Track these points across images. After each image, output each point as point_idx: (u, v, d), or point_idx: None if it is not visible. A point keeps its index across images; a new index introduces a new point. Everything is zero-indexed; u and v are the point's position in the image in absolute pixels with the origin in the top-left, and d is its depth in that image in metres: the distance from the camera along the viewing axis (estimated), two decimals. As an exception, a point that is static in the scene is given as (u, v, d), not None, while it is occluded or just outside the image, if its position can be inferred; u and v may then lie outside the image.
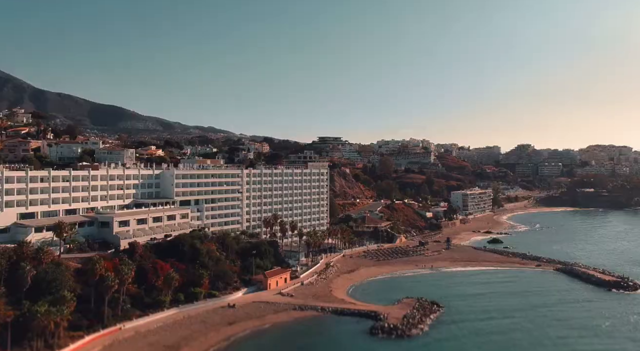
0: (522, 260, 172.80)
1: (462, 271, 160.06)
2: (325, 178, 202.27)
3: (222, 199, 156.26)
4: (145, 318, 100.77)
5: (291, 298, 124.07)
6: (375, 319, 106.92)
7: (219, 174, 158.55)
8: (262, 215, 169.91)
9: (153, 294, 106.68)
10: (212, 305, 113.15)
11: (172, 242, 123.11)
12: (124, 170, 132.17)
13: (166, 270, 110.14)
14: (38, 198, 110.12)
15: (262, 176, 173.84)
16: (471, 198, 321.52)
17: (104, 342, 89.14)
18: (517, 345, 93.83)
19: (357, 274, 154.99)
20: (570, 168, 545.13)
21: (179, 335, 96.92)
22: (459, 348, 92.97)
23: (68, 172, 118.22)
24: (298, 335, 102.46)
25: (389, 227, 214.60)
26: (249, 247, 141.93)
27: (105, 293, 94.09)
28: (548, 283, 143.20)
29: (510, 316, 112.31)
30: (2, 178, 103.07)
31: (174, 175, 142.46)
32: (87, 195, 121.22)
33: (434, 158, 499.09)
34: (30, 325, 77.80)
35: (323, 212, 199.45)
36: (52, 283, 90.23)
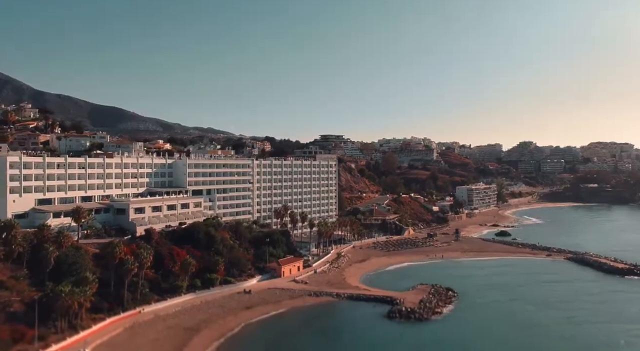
0: (532, 250, 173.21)
1: (473, 260, 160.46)
2: (334, 170, 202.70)
3: (233, 189, 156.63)
4: (163, 303, 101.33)
5: (305, 285, 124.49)
6: (391, 304, 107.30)
7: (230, 164, 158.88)
8: (272, 206, 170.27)
9: (170, 279, 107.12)
10: (228, 291, 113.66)
11: (187, 229, 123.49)
12: (137, 158, 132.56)
13: (182, 256, 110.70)
14: (55, 185, 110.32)
15: (272, 167, 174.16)
16: (476, 193, 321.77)
17: (124, 324, 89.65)
18: (535, 329, 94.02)
19: (369, 263, 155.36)
20: (572, 165, 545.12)
21: (197, 318, 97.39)
22: (476, 331, 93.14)
23: (84, 159, 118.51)
24: (315, 319, 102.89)
25: (397, 220, 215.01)
26: (262, 235, 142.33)
27: (125, 277, 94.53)
28: (561, 270, 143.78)
29: (524, 300, 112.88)
30: (20, 163, 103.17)
31: (187, 165, 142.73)
32: (102, 182, 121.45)
33: (436, 155, 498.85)
34: (54, 305, 78.04)
35: (332, 204, 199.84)
36: (73, 266, 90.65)
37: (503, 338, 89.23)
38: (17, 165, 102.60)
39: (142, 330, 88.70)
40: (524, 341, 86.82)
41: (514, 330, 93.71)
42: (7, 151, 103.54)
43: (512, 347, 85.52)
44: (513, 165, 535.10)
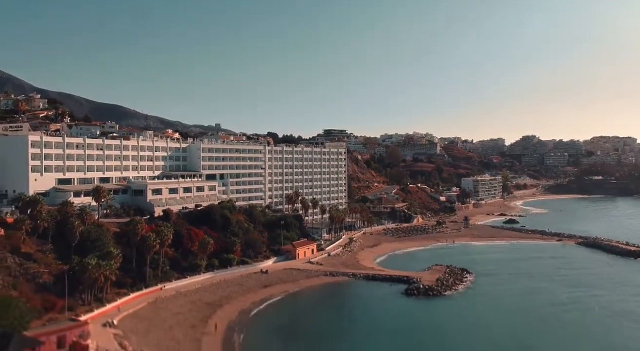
0: (542, 236, 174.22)
1: (485, 245, 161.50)
2: (343, 158, 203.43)
3: (246, 175, 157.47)
4: (184, 281, 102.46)
5: (321, 266, 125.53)
6: (408, 283, 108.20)
7: (243, 150, 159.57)
8: (284, 192, 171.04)
9: (189, 259, 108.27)
10: (245, 271, 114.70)
11: (203, 211, 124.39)
12: (153, 142, 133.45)
13: (200, 236, 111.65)
14: (75, 165, 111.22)
15: (284, 153, 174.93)
16: (482, 185, 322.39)
17: (148, 300, 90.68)
18: (554, 305, 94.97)
19: (381, 248, 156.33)
20: (576, 159, 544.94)
21: (218, 295, 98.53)
22: (494, 306, 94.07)
23: (102, 141, 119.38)
24: (334, 297, 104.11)
25: (406, 208, 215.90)
26: (275, 219, 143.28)
27: (147, 253, 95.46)
28: (574, 254, 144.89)
29: (540, 279, 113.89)
30: (41, 143, 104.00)
31: (201, 149, 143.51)
32: (120, 164, 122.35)
33: (440, 149, 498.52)
34: (82, 278, 78.95)
35: (342, 192, 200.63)
36: (96, 242, 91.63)
37: (523, 312, 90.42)
38: (38, 145, 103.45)
39: (165, 304, 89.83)
40: (543, 315, 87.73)
41: (533, 305, 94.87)
42: (29, 130, 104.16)
43: (532, 318, 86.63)
44: (517, 159, 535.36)
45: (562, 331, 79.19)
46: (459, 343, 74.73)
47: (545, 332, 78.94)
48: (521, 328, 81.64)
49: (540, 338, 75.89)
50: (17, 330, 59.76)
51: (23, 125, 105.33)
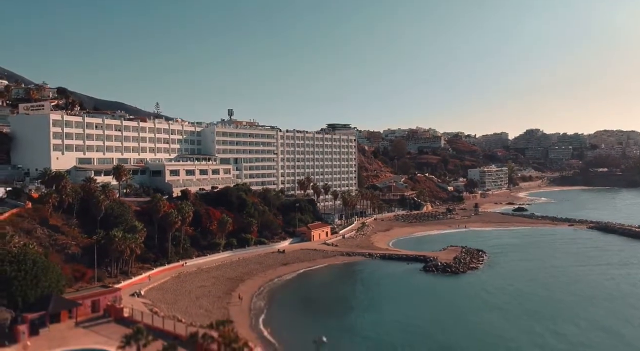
0: (553, 222, 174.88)
1: (497, 230, 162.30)
2: (353, 146, 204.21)
3: (259, 159, 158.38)
4: (203, 258, 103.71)
5: (336, 247, 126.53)
6: (424, 261, 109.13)
7: (256, 134, 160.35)
8: (295, 178, 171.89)
9: (208, 237, 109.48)
10: (262, 250, 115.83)
11: (220, 193, 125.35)
12: (169, 124, 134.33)
13: (218, 216, 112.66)
14: (94, 145, 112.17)
15: (295, 139, 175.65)
16: (488, 175, 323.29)
17: (171, 274, 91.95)
18: (578, 284, 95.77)
19: (393, 232, 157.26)
20: (580, 152, 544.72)
21: (239, 271, 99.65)
22: (512, 281, 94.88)
23: (119, 122, 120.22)
24: (353, 272, 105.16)
25: (415, 196, 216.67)
26: (289, 203, 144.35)
27: (168, 229, 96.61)
28: (587, 237, 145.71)
29: (557, 258, 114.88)
30: (62, 122, 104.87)
31: (215, 132, 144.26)
32: (137, 146, 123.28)
33: (444, 142, 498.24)
34: (109, 250, 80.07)
35: (352, 178, 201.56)
36: (119, 218, 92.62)
37: (544, 283, 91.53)
38: (59, 124, 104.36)
39: (188, 279, 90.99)
40: (566, 287, 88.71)
41: (553, 279, 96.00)
42: (50, 109, 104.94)
43: (552, 290, 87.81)
44: (520, 152, 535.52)
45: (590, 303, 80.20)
46: (484, 309, 76.25)
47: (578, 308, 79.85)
48: (545, 297, 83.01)
49: (568, 310, 76.92)
50: (54, 292, 60.87)
51: (44, 104, 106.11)
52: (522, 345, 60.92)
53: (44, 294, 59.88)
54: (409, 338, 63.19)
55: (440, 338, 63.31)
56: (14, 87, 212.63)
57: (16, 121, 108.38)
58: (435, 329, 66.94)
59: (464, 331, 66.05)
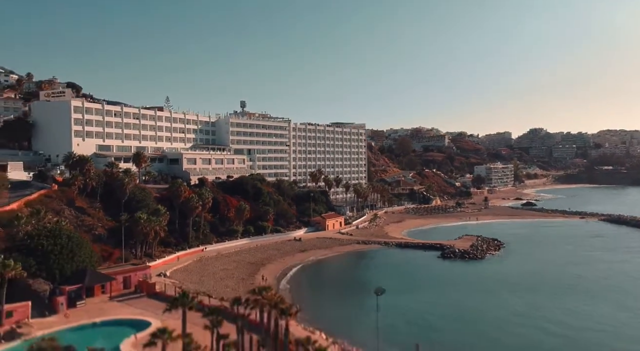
0: (564, 214, 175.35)
1: (508, 221, 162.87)
2: (363, 139, 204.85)
3: (272, 150, 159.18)
4: (222, 244, 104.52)
5: (351, 236, 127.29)
6: (441, 249, 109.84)
7: (269, 126, 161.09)
8: (307, 170, 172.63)
9: (226, 224, 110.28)
10: (279, 238, 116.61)
11: (235, 181, 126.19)
12: (184, 114, 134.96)
13: (235, 204, 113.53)
14: (113, 133, 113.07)
15: (307, 131, 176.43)
16: (494, 172, 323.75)
17: (192, 258, 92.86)
18: (599, 264, 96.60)
19: (405, 223, 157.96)
20: (584, 151, 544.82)
21: (258, 256, 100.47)
22: (532, 265, 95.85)
23: (137, 110, 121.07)
24: (372, 259, 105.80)
25: (424, 190, 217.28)
26: (303, 193, 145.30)
27: (189, 214, 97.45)
28: (600, 228, 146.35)
29: (574, 246, 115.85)
30: (82, 108, 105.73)
31: (229, 123, 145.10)
32: (154, 134, 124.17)
33: (447, 141, 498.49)
34: (134, 231, 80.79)
35: (362, 171, 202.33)
36: (141, 203, 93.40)
37: (564, 266, 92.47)
38: (79, 110, 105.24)
39: (210, 262, 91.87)
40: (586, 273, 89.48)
41: (573, 262, 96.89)
42: (72, 96, 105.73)
43: (576, 270, 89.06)
44: (524, 151, 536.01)
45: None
46: (512, 289, 77.28)
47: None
48: (571, 277, 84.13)
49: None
50: (88, 267, 61.74)
51: (65, 90, 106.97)
52: (558, 320, 61.82)
53: (79, 268, 60.80)
54: (438, 317, 63.87)
55: (471, 316, 64.07)
56: (26, 81, 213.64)
57: (37, 108, 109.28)
58: (464, 308, 67.67)
59: (495, 309, 66.93)
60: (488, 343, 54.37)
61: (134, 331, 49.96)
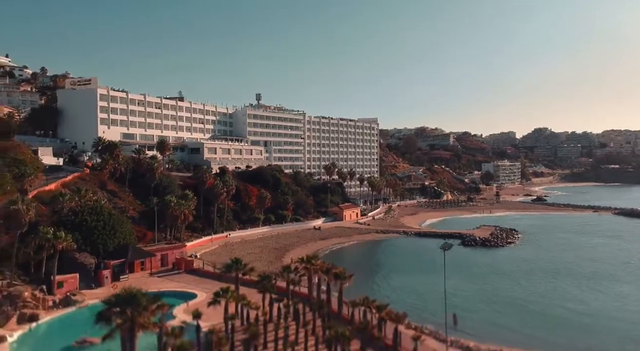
0: (576, 208, 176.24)
1: (522, 214, 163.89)
2: (375, 133, 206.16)
3: (287, 143, 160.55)
4: (245, 231, 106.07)
5: (369, 226, 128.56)
6: (461, 238, 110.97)
7: (284, 118, 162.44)
8: (321, 163, 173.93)
9: (247, 212, 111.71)
10: (299, 226, 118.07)
11: (255, 171, 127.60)
12: (203, 105, 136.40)
13: (255, 192, 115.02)
14: (136, 121, 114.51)
15: (321, 125, 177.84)
16: (502, 169, 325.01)
17: (218, 243, 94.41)
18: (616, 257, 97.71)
19: (420, 216, 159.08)
20: (589, 150, 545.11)
21: (281, 243, 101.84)
22: (554, 252, 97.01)
23: (159, 100, 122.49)
24: (393, 246, 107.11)
25: (435, 185, 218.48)
26: (319, 185, 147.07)
27: (214, 201, 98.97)
28: (613, 221, 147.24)
29: (591, 235, 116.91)
30: (108, 96, 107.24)
31: (246, 115, 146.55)
32: (175, 124, 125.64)
33: (452, 140, 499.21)
34: (165, 214, 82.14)
35: (374, 166, 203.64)
36: (167, 189, 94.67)
37: (586, 253, 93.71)
38: (105, 98, 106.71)
39: (235, 247, 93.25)
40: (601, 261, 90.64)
41: (593, 249, 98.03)
42: (97, 85, 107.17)
43: (598, 257, 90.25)
44: (529, 151, 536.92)
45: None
46: (539, 273, 78.75)
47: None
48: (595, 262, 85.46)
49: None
50: (128, 243, 63.17)
51: (91, 79, 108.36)
52: (589, 301, 63.18)
53: (120, 244, 62.24)
54: (470, 294, 65.06)
55: (504, 295, 65.33)
56: (40, 76, 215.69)
57: (63, 96, 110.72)
58: (494, 288, 68.91)
59: (525, 290, 68.30)
60: (523, 318, 55.71)
61: (181, 301, 51.35)
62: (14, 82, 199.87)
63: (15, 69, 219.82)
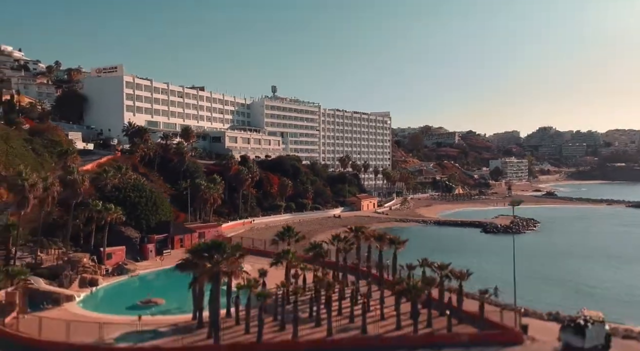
0: (590, 202, 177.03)
1: (537, 207, 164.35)
2: (388, 127, 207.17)
3: (302, 134, 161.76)
4: (268, 218, 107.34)
5: (387, 215, 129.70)
6: (481, 226, 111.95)
7: (300, 109, 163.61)
8: (335, 155, 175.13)
9: (269, 200, 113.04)
10: (319, 215, 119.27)
11: (274, 161, 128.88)
12: (223, 95, 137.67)
13: (276, 181, 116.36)
14: (160, 109, 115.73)
15: (335, 117, 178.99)
16: (510, 166, 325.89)
17: (244, 227, 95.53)
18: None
19: (435, 208, 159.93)
20: (594, 149, 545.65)
21: (304, 229, 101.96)
22: (577, 237, 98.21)
23: (181, 88, 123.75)
24: (415, 233, 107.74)
25: (447, 179, 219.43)
26: (336, 175, 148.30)
27: (239, 187, 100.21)
28: (627, 213, 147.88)
29: (606, 224, 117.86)
30: (133, 84, 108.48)
31: (264, 106, 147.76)
32: (196, 113, 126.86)
33: (458, 139, 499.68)
34: (195, 197, 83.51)
35: (386, 159, 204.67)
36: (194, 174, 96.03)
37: (605, 238, 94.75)
38: (131, 85, 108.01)
39: (261, 231, 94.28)
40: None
41: (612, 234, 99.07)
42: (123, 73, 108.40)
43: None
44: (534, 149, 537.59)
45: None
46: (568, 254, 79.87)
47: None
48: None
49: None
50: (169, 220, 64.45)
51: (117, 66, 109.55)
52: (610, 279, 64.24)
53: (162, 220, 63.48)
54: (504, 273, 66.05)
55: (537, 275, 66.38)
56: (55, 70, 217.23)
57: (89, 83, 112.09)
58: (527, 268, 69.86)
59: (559, 269, 69.35)
60: (564, 292, 56.82)
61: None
62: (29, 75, 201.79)
63: (29, 62, 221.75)
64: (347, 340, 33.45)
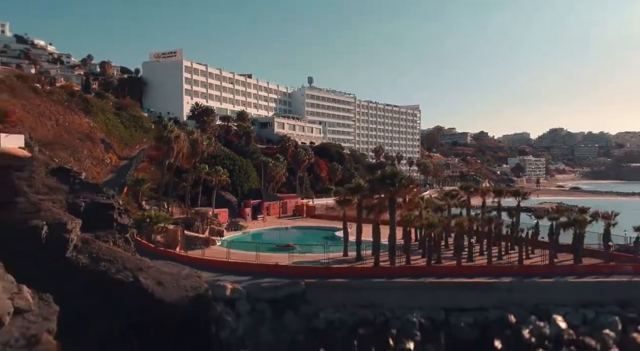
0: (620, 195, 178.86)
1: (569, 198, 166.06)
2: (418, 120, 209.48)
3: (339, 124, 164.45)
4: (320, 200, 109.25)
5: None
6: (530, 211, 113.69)
7: (337, 99, 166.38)
8: (368, 146, 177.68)
9: (319, 184, 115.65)
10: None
11: (319, 147, 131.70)
12: (268, 83, 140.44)
13: (324, 166, 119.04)
14: (213, 94, 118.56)
15: (369, 109, 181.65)
16: (528, 164, 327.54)
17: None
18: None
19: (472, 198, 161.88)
20: (606, 150, 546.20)
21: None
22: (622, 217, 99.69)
23: (232, 75, 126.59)
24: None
25: (474, 173, 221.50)
26: (375, 164, 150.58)
27: (297, 168, 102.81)
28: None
29: None
30: (191, 68, 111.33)
31: (305, 95, 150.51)
32: (244, 99, 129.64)
33: (470, 139, 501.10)
34: (264, 173, 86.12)
35: (416, 152, 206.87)
36: (254, 154, 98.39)
37: None
38: (189, 70, 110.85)
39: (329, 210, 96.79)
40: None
41: None
42: (182, 57, 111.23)
43: None
44: (546, 150, 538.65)
45: None
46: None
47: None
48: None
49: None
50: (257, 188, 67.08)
51: (177, 51, 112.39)
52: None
53: (252, 188, 66.09)
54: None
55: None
56: (88, 63, 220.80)
57: (147, 68, 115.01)
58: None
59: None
60: None
61: (322, 234, 55.37)
62: (64, 68, 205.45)
63: (63, 56, 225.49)
64: (516, 268, 37.72)
